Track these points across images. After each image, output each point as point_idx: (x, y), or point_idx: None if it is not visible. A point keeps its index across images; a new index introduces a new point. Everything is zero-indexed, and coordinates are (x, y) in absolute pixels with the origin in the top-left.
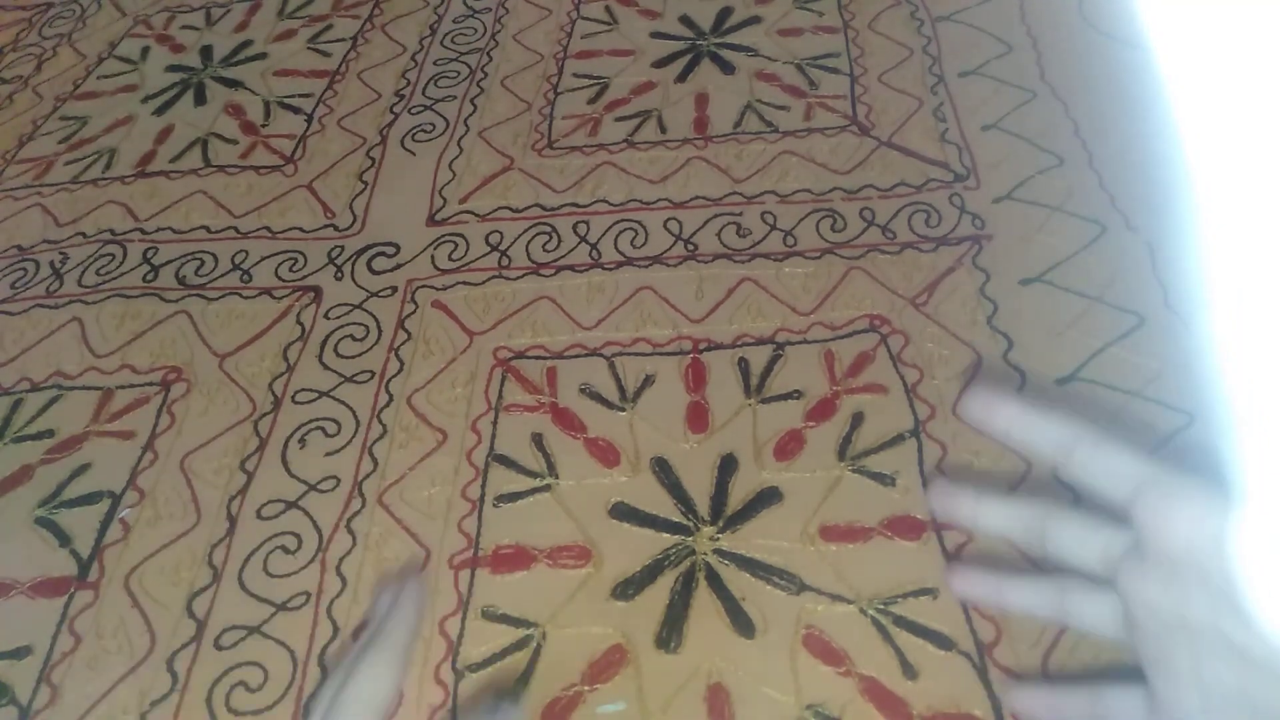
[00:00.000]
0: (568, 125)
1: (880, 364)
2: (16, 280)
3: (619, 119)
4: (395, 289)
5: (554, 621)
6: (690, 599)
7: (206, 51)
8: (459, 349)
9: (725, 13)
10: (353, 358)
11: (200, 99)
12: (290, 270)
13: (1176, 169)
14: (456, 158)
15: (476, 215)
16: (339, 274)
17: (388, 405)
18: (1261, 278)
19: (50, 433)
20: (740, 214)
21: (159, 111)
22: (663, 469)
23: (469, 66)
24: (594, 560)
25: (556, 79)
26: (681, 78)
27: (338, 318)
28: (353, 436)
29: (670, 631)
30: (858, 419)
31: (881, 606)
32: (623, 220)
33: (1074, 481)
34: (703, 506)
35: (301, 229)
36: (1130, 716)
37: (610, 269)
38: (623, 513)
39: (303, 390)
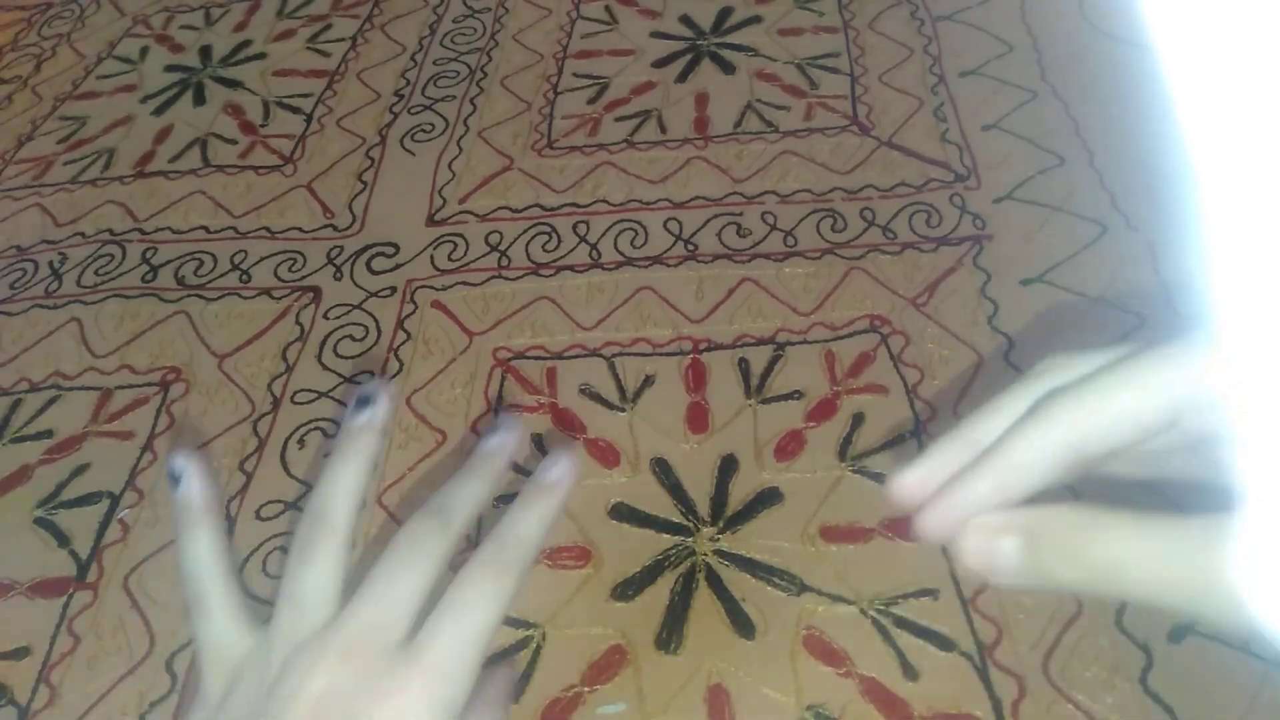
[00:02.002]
0: (568, 125)
1: (881, 364)
2: (15, 280)
3: (619, 119)
4: (394, 289)
5: (554, 622)
6: (690, 600)
7: (205, 51)
8: (458, 349)
9: (725, 13)
10: (352, 358)
11: (199, 99)
12: (289, 270)
13: (1178, 169)
14: (456, 158)
15: (476, 215)
16: (338, 274)
17: None
18: (1263, 277)
19: (49, 433)
20: (740, 214)
21: (158, 111)
22: (663, 470)
23: (468, 66)
24: (594, 561)
25: (556, 79)
26: (681, 78)
27: (337, 318)
28: None
29: (670, 632)
30: (858, 419)
31: (882, 607)
32: (623, 220)
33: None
34: (703, 507)
35: (301, 229)
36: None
37: (610, 269)
38: (623, 513)
39: (302, 391)
